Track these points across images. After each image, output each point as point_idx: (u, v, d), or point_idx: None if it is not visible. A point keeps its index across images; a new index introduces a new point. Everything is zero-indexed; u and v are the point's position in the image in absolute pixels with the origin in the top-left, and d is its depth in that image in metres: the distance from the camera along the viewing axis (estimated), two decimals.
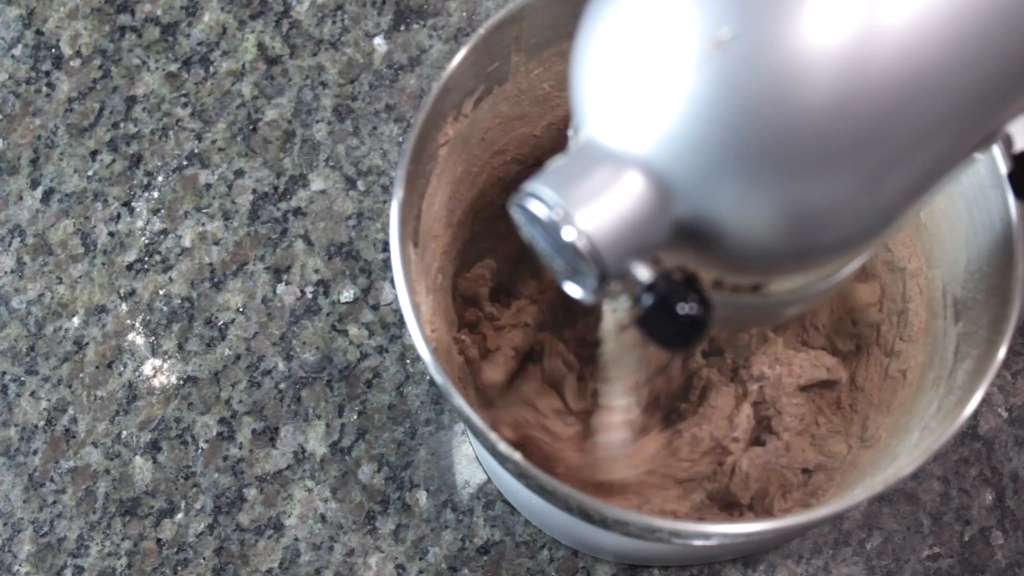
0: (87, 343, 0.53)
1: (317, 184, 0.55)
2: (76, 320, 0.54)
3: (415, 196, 0.38)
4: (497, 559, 0.49)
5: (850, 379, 0.47)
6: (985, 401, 0.51)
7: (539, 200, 0.25)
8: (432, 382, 0.52)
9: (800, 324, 0.48)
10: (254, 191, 0.55)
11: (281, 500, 0.50)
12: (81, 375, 0.53)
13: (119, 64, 0.58)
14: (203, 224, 0.55)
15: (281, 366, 0.52)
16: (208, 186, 0.56)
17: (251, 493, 0.50)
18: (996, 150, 0.35)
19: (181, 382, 0.52)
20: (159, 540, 0.50)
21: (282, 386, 0.52)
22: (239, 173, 0.56)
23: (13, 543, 0.50)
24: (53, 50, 0.59)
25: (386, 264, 0.54)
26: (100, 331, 0.53)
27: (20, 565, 0.50)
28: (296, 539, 0.50)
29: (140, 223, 0.55)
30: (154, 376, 0.52)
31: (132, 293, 0.54)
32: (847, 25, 0.22)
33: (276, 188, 0.55)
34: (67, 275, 0.54)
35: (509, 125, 0.44)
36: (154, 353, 0.53)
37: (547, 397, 0.46)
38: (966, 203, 0.38)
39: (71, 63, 0.58)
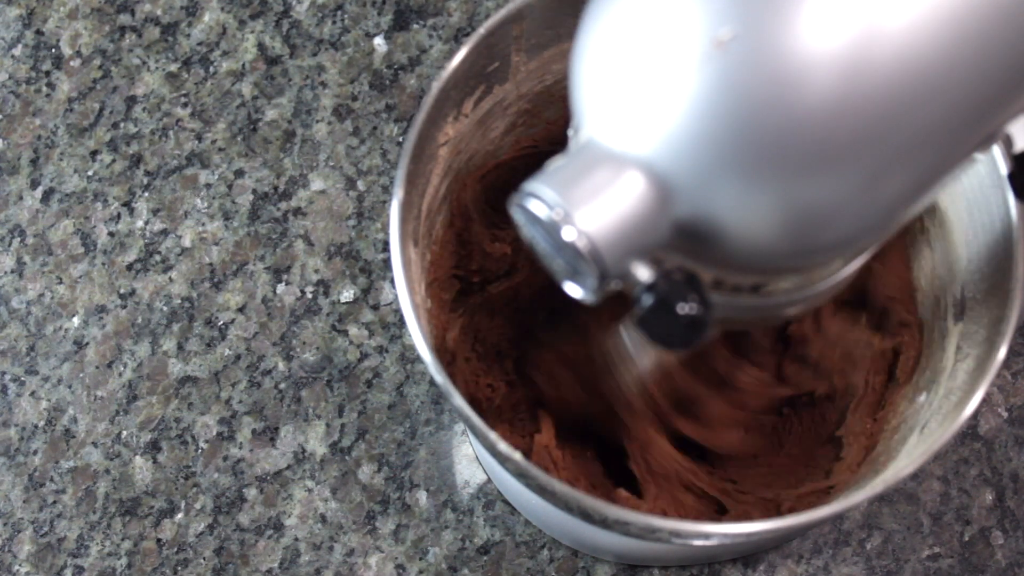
0: (87, 343, 0.53)
1: (317, 184, 0.55)
2: (76, 320, 0.54)
3: (415, 196, 0.38)
4: (497, 559, 0.49)
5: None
6: (985, 401, 0.51)
7: (539, 200, 0.25)
8: (432, 382, 0.52)
9: None
10: (254, 191, 0.55)
11: (281, 500, 0.50)
12: (81, 375, 0.53)
13: (119, 64, 0.58)
14: (203, 224, 0.55)
15: (281, 366, 0.52)
16: (208, 186, 0.56)
17: (251, 493, 0.50)
18: (996, 150, 0.35)
19: (181, 382, 0.52)
20: (159, 540, 0.50)
21: (282, 386, 0.52)
22: (239, 173, 0.56)
23: (13, 543, 0.50)
24: (53, 50, 0.59)
25: (386, 264, 0.54)
26: (100, 331, 0.53)
27: (20, 565, 0.50)
28: (296, 539, 0.50)
29: (140, 223, 0.55)
30: (154, 376, 0.52)
31: (132, 293, 0.54)
32: (848, 26, 0.22)
33: (276, 188, 0.55)
34: (67, 275, 0.54)
35: (509, 125, 0.44)
36: (154, 353, 0.53)
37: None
38: (966, 203, 0.38)
39: (71, 63, 0.58)
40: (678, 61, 0.24)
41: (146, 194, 0.56)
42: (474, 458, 0.51)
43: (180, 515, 0.50)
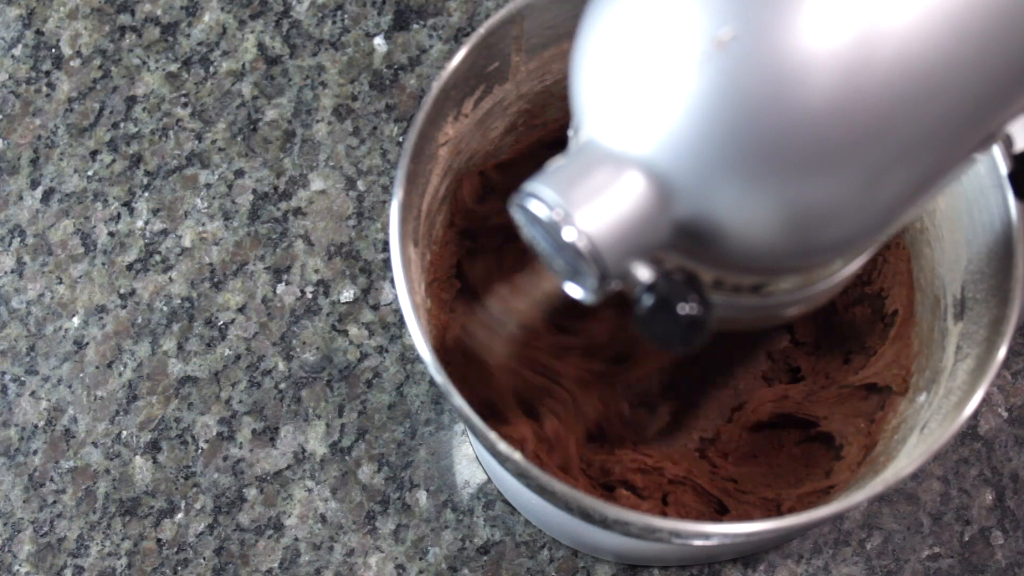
0: (87, 343, 0.53)
1: (317, 184, 0.55)
2: (76, 320, 0.54)
3: (415, 196, 0.38)
4: (497, 559, 0.49)
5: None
6: (985, 401, 0.51)
7: (539, 200, 0.25)
8: (432, 382, 0.52)
9: None
10: (254, 191, 0.55)
11: (281, 500, 0.50)
12: (81, 375, 0.53)
13: (119, 64, 0.58)
14: (203, 224, 0.55)
15: (281, 366, 0.52)
16: (208, 186, 0.56)
17: (251, 493, 0.50)
18: (996, 150, 0.35)
19: (181, 382, 0.52)
20: (159, 540, 0.50)
21: (282, 386, 0.52)
22: (239, 173, 0.56)
23: (13, 543, 0.50)
24: (53, 50, 0.59)
25: (386, 264, 0.54)
26: (100, 331, 0.53)
27: (20, 565, 0.50)
28: (296, 539, 0.50)
29: (140, 223, 0.55)
30: (154, 376, 0.52)
31: (132, 293, 0.54)
32: (848, 26, 0.22)
33: (276, 188, 0.55)
34: (67, 275, 0.54)
35: (509, 125, 0.44)
36: (154, 353, 0.53)
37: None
38: (966, 203, 0.38)
39: (71, 63, 0.58)
40: (678, 61, 0.24)
41: (146, 194, 0.56)
42: (474, 458, 0.51)
43: (180, 515, 0.50)
